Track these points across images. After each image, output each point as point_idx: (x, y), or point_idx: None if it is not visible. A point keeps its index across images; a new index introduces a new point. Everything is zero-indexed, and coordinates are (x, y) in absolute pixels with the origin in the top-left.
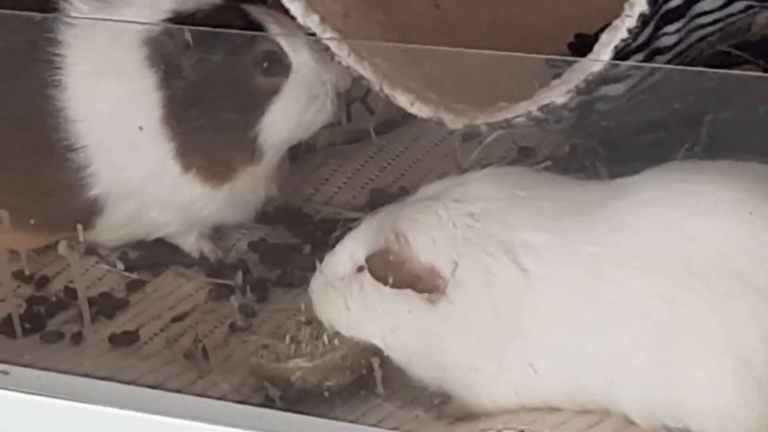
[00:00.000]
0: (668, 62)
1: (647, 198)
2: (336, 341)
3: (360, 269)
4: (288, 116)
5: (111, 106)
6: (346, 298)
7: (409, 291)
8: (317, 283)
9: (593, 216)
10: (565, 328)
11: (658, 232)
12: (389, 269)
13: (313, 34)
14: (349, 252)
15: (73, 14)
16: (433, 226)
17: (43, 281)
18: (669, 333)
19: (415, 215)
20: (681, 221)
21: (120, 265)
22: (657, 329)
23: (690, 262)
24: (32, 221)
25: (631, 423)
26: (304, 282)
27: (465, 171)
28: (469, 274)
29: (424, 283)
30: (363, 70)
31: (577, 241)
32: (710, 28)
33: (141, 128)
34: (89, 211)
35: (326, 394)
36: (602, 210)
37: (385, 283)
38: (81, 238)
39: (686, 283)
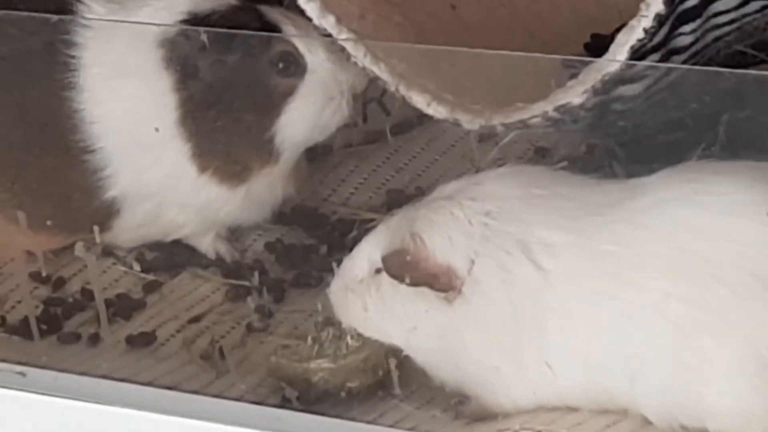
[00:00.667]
0: (684, 62)
1: (664, 198)
2: (359, 343)
3: (378, 271)
4: (304, 117)
5: (128, 108)
6: (365, 301)
7: (426, 290)
8: (336, 287)
9: (610, 215)
10: (583, 327)
11: (676, 233)
12: (405, 268)
13: (329, 35)
14: (367, 254)
15: (89, 16)
16: (449, 226)
17: (60, 282)
18: (687, 333)
19: (430, 215)
20: (698, 222)
21: (136, 267)
22: (675, 329)
23: (708, 262)
24: (49, 222)
25: (649, 423)
26: (320, 283)
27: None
28: (486, 272)
29: (441, 283)
30: (379, 70)
31: (594, 240)
32: (726, 28)
33: (157, 130)
34: (106, 213)
35: (343, 394)
36: (619, 209)
37: (401, 282)
38: (98, 240)
39: (704, 284)
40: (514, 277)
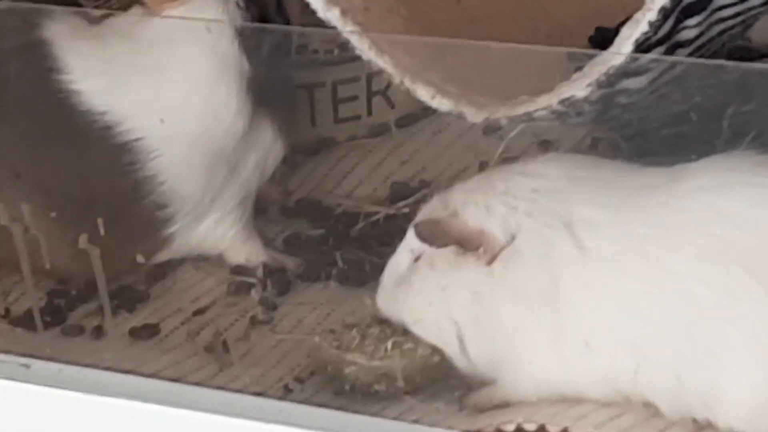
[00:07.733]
0: (689, 55)
1: (704, 185)
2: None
3: (417, 258)
4: None
5: None
6: (405, 291)
7: (462, 261)
8: (382, 287)
9: (650, 199)
10: (614, 309)
11: (709, 219)
12: (437, 234)
13: (334, 28)
14: (410, 246)
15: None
16: (486, 195)
17: None
18: (710, 320)
19: (466, 187)
20: (734, 211)
21: (141, 259)
22: (699, 315)
23: (737, 251)
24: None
25: (653, 416)
26: (325, 275)
27: (485, 164)
28: (529, 245)
29: (471, 243)
30: (384, 63)
31: (632, 222)
32: (731, 22)
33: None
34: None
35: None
36: (659, 193)
37: (431, 245)
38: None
39: (731, 272)
40: (555, 252)
